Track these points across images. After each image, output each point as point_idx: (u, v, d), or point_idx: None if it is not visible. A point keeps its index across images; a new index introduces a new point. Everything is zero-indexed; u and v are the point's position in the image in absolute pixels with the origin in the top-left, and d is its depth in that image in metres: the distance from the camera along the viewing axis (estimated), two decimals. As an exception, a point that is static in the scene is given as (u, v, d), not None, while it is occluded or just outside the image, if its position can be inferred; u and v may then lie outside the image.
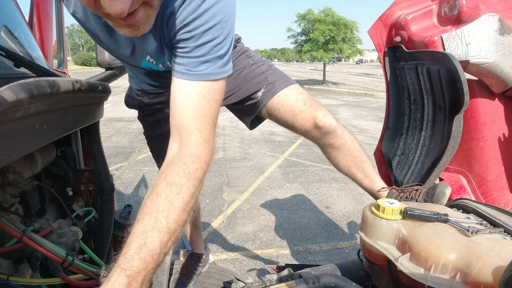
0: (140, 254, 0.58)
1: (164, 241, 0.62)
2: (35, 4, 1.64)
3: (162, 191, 0.65)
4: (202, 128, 0.73)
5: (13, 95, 0.56)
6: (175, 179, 0.67)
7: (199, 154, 0.72)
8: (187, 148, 0.71)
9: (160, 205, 0.64)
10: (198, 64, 0.74)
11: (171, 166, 0.69)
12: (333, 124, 1.20)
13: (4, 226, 0.75)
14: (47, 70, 0.97)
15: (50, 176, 1.13)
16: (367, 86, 17.16)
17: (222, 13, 0.73)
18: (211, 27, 0.72)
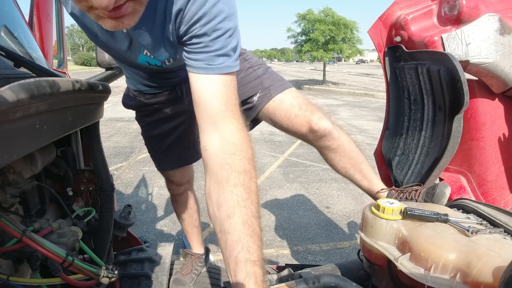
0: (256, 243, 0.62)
1: (259, 224, 0.66)
2: (35, 4, 1.64)
3: (237, 181, 0.68)
4: (237, 116, 0.76)
5: (13, 95, 0.56)
6: (243, 167, 0.70)
7: (246, 139, 0.75)
8: (234, 137, 0.73)
9: (243, 193, 0.67)
10: (216, 57, 0.74)
11: (231, 157, 0.71)
12: (328, 127, 1.21)
13: (4, 226, 0.75)
14: (47, 70, 0.97)
15: (50, 176, 1.13)
16: (367, 86, 17.16)
17: (229, 4, 0.73)
18: (222, 20, 0.72)
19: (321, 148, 1.28)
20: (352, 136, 1.32)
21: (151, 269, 1.40)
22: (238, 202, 0.65)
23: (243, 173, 0.69)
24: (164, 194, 3.62)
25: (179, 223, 1.86)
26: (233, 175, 0.68)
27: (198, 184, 3.98)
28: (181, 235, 2.83)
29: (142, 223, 3.05)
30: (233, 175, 0.68)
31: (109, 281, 0.93)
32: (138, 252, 1.54)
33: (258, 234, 0.64)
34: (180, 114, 1.40)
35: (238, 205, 0.65)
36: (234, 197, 0.66)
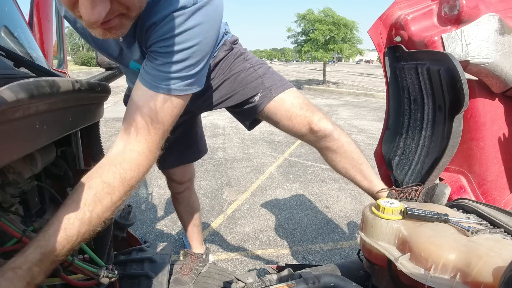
0: (57, 237, 0.63)
1: (82, 231, 0.66)
2: (35, 4, 1.64)
3: (94, 186, 0.69)
4: (151, 139, 0.76)
5: (13, 95, 0.56)
6: (110, 179, 0.71)
7: (139, 163, 0.75)
8: (130, 154, 0.75)
9: (88, 198, 0.68)
10: (166, 78, 0.75)
11: (110, 165, 0.72)
12: (329, 128, 1.21)
13: (4, 226, 0.75)
14: (47, 70, 0.97)
15: (50, 176, 1.13)
16: (367, 86, 17.16)
17: (202, 35, 0.74)
18: (187, 47, 0.73)
19: (322, 149, 1.29)
20: (352, 136, 1.32)
21: (151, 269, 1.40)
22: (78, 201, 0.67)
23: (105, 184, 0.70)
24: (164, 194, 3.62)
25: (179, 222, 1.86)
26: (96, 180, 0.70)
27: (198, 184, 4.00)
28: (181, 235, 2.83)
29: (142, 223, 3.05)
30: (96, 180, 0.70)
31: (109, 281, 0.93)
32: (138, 252, 1.54)
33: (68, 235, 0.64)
34: None
35: (76, 203, 0.66)
36: (80, 196, 0.67)
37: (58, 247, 0.63)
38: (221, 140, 6.22)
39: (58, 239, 0.63)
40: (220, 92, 1.25)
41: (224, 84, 1.24)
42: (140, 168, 0.75)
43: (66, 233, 0.64)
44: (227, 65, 1.23)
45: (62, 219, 0.64)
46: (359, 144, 5.09)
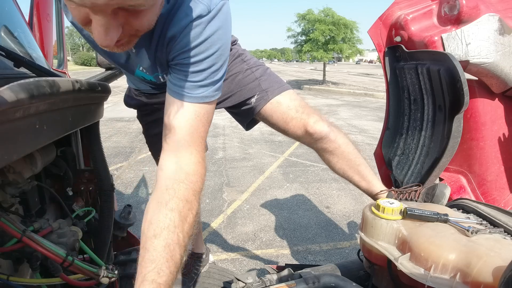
0: (170, 268, 0.63)
1: (182, 253, 0.67)
2: (35, 4, 1.64)
3: (175, 207, 0.69)
4: (200, 149, 0.79)
5: (13, 95, 0.56)
6: (186, 196, 0.71)
7: (201, 172, 0.78)
8: (189, 167, 0.75)
9: (176, 220, 0.67)
10: (196, 87, 0.76)
11: (178, 183, 0.72)
12: (324, 130, 1.21)
13: (4, 226, 0.75)
14: (47, 70, 0.97)
15: (50, 176, 1.13)
16: (367, 86, 17.16)
17: (222, 40, 0.75)
18: (210, 54, 0.74)
19: (319, 150, 1.29)
20: (352, 136, 1.32)
21: (151, 269, 1.40)
22: (168, 226, 0.66)
23: (183, 201, 0.70)
24: (164, 194, 3.62)
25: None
26: (174, 201, 0.70)
27: (198, 184, 3.99)
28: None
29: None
30: (173, 200, 0.70)
31: (109, 281, 0.93)
32: (138, 252, 1.54)
33: (176, 262, 0.64)
34: None
35: (167, 229, 0.66)
36: (167, 220, 0.67)
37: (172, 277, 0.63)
38: (221, 140, 6.22)
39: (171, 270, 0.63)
40: None
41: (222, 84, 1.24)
42: (202, 176, 0.78)
43: (174, 262, 0.64)
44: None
45: (163, 249, 0.63)
46: (359, 144, 5.04)
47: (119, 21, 0.56)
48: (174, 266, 0.64)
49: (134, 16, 0.57)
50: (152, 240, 0.65)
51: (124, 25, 0.57)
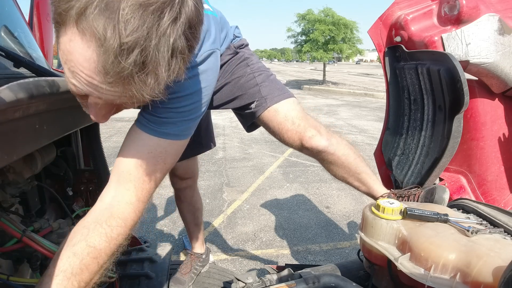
0: None
1: None
2: (35, 4, 1.64)
3: (79, 252, 0.64)
4: (141, 187, 0.72)
5: (12, 95, 0.56)
6: (95, 242, 0.66)
7: (126, 216, 0.71)
8: (118, 207, 0.70)
9: (75, 267, 0.63)
10: (161, 123, 0.74)
11: (95, 225, 0.67)
12: (321, 145, 1.18)
13: (4, 226, 0.75)
14: (47, 70, 0.97)
15: (50, 176, 1.13)
16: (367, 86, 17.16)
17: (198, 85, 0.75)
18: (184, 95, 0.73)
19: (318, 159, 1.29)
20: (352, 136, 1.32)
21: (151, 269, 1.40)
22: (65, 271, 0.62)
23: (90, 248, 0.65)
24: (164, 194, 3.62)
25: (180, 222, 1.86)
26: (80, 244, 0.65)
27: (198, 184, 3.98)
28: (181, 235, 2.83)
29: (142, 223, 3.05)
30: (81, 244, 0.65)
31: (109, 281, 0.93)
32: (138, 252, 1.54)
33: None
34: None
35: (64, 274, 0.62)
36: (66, 265, 0.63)
37: None
38: (221, 140, 6.22)
39: None
40: (221, 94, 1.25)
41: (225, 87, 1.24)
42: (126, 222, 0.71)
43: None
44: (230, 69, 1.22)
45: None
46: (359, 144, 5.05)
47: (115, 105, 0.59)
48: None
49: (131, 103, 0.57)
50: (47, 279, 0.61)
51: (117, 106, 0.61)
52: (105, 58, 0.45)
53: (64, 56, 0.51)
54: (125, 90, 0.50)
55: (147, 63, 0.46)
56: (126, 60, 0.45)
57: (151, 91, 0.50)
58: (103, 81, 0.49)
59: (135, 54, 0.45)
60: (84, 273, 0.64)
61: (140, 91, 0.49)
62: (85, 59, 0.48)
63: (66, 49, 0.49)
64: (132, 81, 0.48)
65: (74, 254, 0.64)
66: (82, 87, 0.52)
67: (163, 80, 0.50)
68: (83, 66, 0.48)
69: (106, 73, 0.47)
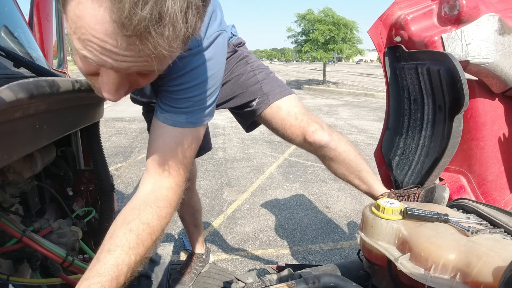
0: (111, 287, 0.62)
1: (129, 275, 0.67)
2: (35, 4, 1.64)
3: (135, 229, 0.69)
4: (177, 174, 0.78)
5: (12, 95, 0.56)
6: (148, 220, 0.71)
7: (170, 199, 0.77)
8: (160, 191, 0.76)
9: (132, 241, 0.67)
10: (182, 113, 0.77)
11: (145, 206, 0.73)
12: (324, 139, 1.20)
13: (4, 226, 0.75)
14: (47, 70, 0.97)
15: (50, 176, 1.13)
16: (367, 86, 17.16)
17: (211, 70, 0.76)
18: (198, 83, 0.75)
19: (319, 156, 1.29)
20: (352, 136, 1.32)
21: (151, 269, 1.40)
22: (123, 245, 0.66)
23: (144, 225, 0.70)
24: (164, 194, 3.62)
25: (180, 222, 1.86)
26: (135, 222, 0.70)
27: (198, 184, 3.99)
28: (181, 235, 2.83)
29: (142, 223, 3.05)
30: (135, 221, 0.70)
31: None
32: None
33: (119, 282, 0.64)
34: None
35: (121, 248, 0.66)
36: (123, 240, 0.67)
37: None
38: (221, 140, 6.22)
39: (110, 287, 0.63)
40: (221, 93, 1.25)
41: (225, 86, 1.24)
42: (171, 203, 0.77)
43: (118, 282, 0.64)
44: (229, 67, 1.23)
45: (111, 267, 0.63)
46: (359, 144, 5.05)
47: (128, 80, 0.57)
48: (116, 286, 0.63)
49: (144, 76, 0.58)
50: (105, 254, 0.65)
51: (131, 81, 0.59)
52: (119, 12, 0.43)
53: (73, 25, 0.48)
54: (141, 50, 0.47)
55: (163, 14, 0.44)
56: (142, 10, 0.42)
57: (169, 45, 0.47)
58: (117, 45, 0.47)
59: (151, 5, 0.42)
60: (140, 247, 0.68)
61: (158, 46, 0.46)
62: (97, 20, 0.45)
63: (75, 15, 0.47)
64: (148, 35, 0.45)
65: (130, 231, 0.68)
66: (95, 58, 0.49)
67: (181, 32, 0.47)
68: (95, 29, 0.46)
69: (122, 27, 0.44)
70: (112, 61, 0.49)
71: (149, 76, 0.59)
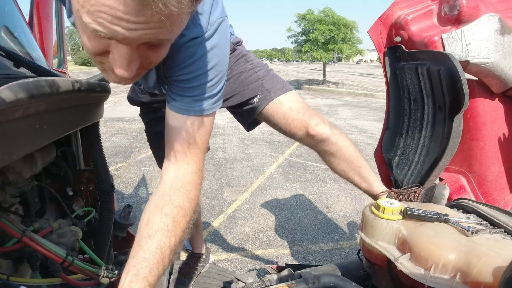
0: (159, 269, 0.66)
1: (172, 257, 0.71)
2: (35, 4, 1.64)
3: (170, 212, 0.73)
4: (197, 159, 0.82)
5: (12, 94, 0.56)
6: (180, 203, 0.75)
7: (196, 182, 0.81)
8: (185, 176, 0.80)
9: (169, 224, 0.71)
10: (193, 101, 0.79)
11: (174, 191, 0.77)
12: (326, 132, 1.22)
13: (4, 226, 0.75)
14: (47, 70, 0.97)
15: (50, 176, 1.13)
16: (367, 86, 17.16)
17: (218, 57, 0.78)
18: (206, 71, 0.77)
19: (320, 152, 1.30)
20: (352, 136, 1.32)
21: (151, 269, 1.40)
22: (162, 229, 0.70)
23: (178, 208, 0.74)
24: (164, 194, 3.62)
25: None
26: (168, 206, 0.73)
27: (198, 184, 3.99)
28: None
29: (142, 223, 3.04)
30: (168, 206, 0.73)
31: (109, 281, 0.93)
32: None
33: (165, 264, 0.68)
34: None
35: (161, 231, 0.69)
36: (161, 224, 0.70)
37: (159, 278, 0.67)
38: (221, 140, 6.22)
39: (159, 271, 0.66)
40: None
41: (226, 84, 1.24)
42: (197, 186, 0.81)
43: (163, 263, 0.67)
44: (229, 65, 1.23)
45: (155, 250, 0.67)
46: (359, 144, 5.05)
47: (139, 54, 0.57)
48: (163, 268, 0.67)
49: (154, 49, 0.58)
50: (146, 240, 0.68)
51: (142, 59, 0.58)
52: None
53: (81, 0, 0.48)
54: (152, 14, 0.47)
55: None
56: None
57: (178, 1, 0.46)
58: (127, 10, 0.46)
59: None
60: (177, 229, 0.72)
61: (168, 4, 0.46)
62: None
63: None
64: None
65: (165, 215, 0.72)
66: (105, 29, 0.49)
67: None
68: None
69: None
70: (123, 30, 0.49)
71: (159, 49, 0.59)
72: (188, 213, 0.76)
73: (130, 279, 0.63)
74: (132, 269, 0.64)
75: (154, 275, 0.65)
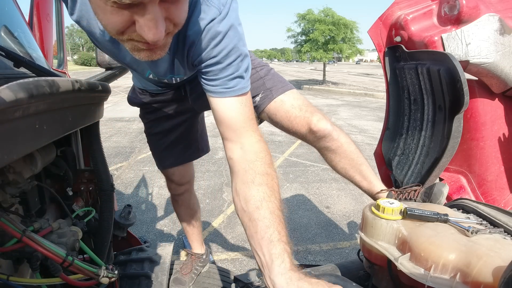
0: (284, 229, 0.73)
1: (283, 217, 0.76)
2: (35, 4, 1.64)
3: (261, 181, 0.78)
4: (255, 128, 0.87)
5: (12, 94, 0.56)
6: (264, 170, 0.80)
7: (264, 147, 0.85)
8: (254, 147, 0.83)
9: (267, 191, 0.76)
10: (230, 81, 0.82)
11: (252, 162, 0.80)
12: (327, 128, 1.23)
13: (4, 226, 0.75)
14: (47, 70, 0.97)
15: (50, 176, 1.13)
16: (367, 86, 17.16)
17: (237, 34, 0.80)
18: (232, 48, 0.80)
19: (321, 149, 1.30)
20: (352, 136, 1.33)
21: (151, 269, 1.40)
22: (264, 197, 0.75)
23: (265, 175, 0.79)
24: (164, 194, 3.62)
25: (179, 223, 1.86)
26: (257, 177, 0.78)
27: (198, 184, 3.99)
28: (181, 235, 2.83)
29: (142, 223, 3.05)
30: (257, 177, 0.78)
31: (109, 281, 0.93)
32: (138, 252, 1.54)
33: (283, 223, 0.73)
34: (183, 112, 1.43)
35: (265, 200, 0.74)
36: (261, 194, 0.75)
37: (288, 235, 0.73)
38: (221, 140, 6.21)
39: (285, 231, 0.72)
40: None
41: None
42: (268, 150, 0.85)
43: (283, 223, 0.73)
44: None
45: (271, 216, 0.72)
46: (359, 144, 5.04)
47: (162, 14, 0.58)
48: (284, 226, 0.72)
49: (175, 4, 0.60)
50: (257, 211, 0.73)
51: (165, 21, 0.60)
52: None
53: None
54: None
55: None
56: None
57: None
58: None
59: None
60: (275, 192, 0.78)
61: None
62: None
63: None
64: None
65: (260, 185, 0.77)
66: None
67: None
68: None
69: None
70: None
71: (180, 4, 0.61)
72: (274, 177, 0.80)
73: (267, 248, 0.68)
74: (262, 240, 0.69)
75: (284, 235, 0.71)
